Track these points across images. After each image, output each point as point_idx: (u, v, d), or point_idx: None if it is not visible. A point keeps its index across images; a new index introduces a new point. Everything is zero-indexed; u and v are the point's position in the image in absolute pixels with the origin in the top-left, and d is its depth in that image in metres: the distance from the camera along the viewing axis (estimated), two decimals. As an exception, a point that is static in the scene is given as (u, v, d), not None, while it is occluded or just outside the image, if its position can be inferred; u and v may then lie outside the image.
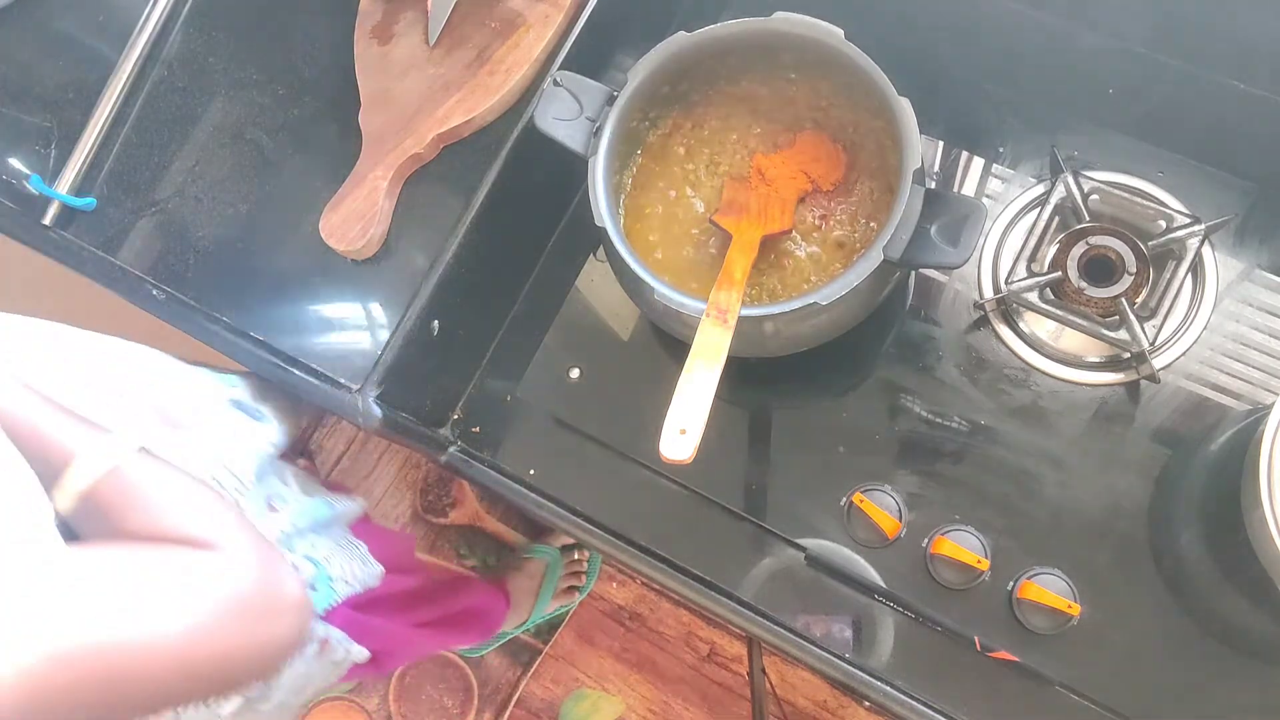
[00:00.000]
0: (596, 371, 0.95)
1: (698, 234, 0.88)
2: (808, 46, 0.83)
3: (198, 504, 0.62)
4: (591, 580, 1.63)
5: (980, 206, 0.75)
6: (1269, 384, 0.85)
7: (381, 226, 0.90)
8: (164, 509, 0.61)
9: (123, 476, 0.61)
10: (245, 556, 0.60)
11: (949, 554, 0.82)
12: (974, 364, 0.89)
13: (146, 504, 0.61)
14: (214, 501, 0.63)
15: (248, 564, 0.60)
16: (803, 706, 1.55)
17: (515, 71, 0.92)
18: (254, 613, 0.59)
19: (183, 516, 0.61)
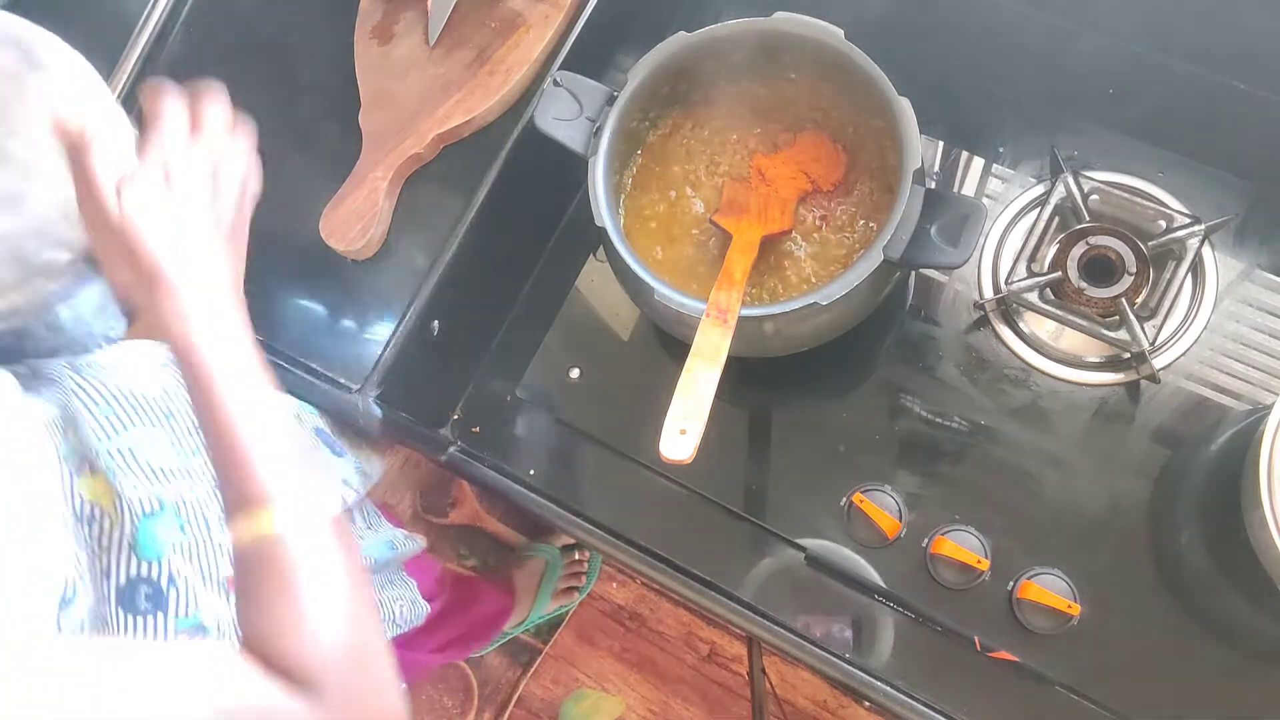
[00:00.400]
0: (596, 371, 0.95)
1: (698, 234, 0.88)
2: (808, 46, 0.83)
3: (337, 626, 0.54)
4: (591, 580, 1.63)
5: (980, 206, 0.75)
6: (1269, 384, 0.85)
7: (381, 226, 0.90)
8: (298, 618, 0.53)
9: (293, 549, 0.55)
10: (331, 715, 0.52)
11: (949, 554, 0.82)
12: (974, 364, 0.89)
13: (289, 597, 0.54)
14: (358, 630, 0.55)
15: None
16: (803, 706, 1.55)
17: (515, 71, 0.92)
18: None
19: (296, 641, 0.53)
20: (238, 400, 0.57)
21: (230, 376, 0.57)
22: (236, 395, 0.57)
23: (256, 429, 0.57)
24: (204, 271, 0.59)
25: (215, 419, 0.56)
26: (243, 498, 0.56)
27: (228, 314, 0.59)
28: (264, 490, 0.55)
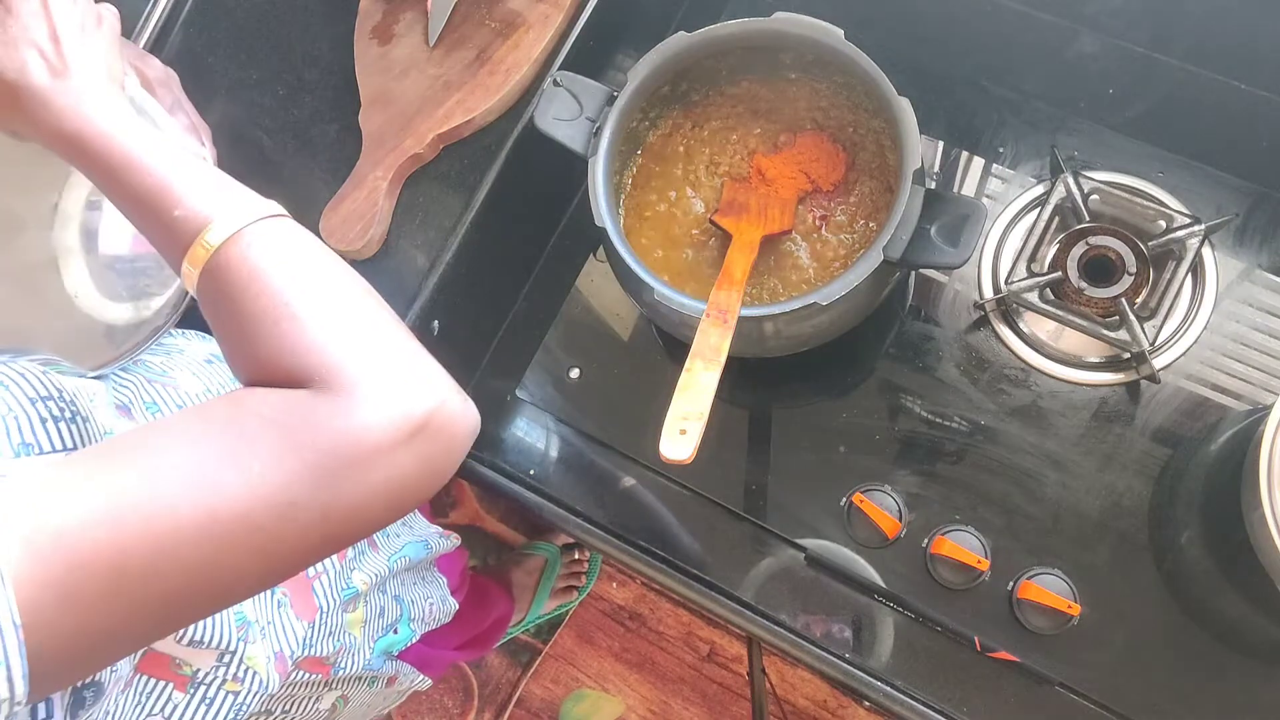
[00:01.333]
0: (596, 371, 0.95)
1: (698, 234, 0.88)
2: (808, 46, 0.83)
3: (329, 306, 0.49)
4: (591, 580, 1.64)
5: (980, 206, 0.75)
6: (1269, 384, 0.85)
7: (381, 226, 0.90)
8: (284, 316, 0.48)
9: (249, 251, 0.50)
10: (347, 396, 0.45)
11: (949, 554, 0.82)
12: (974, 364, 0.89)
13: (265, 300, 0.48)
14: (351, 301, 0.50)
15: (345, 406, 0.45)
16: (803, 706, 1.55)
17: (515, 71, 0.92)
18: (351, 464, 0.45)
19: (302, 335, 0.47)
20: (138, 144, 0.55)
21: (120, 129, 0.55)
22: (135, 142, 0.55)
23: (173, 164, 0.54)
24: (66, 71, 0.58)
25: (129, 178, 0.54)
26: (186, 229, 0.52)
27: (107, 100, 0.58)
28: (203, 209, 0.52)
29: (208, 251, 0.51)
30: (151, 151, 0.55)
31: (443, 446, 0.48)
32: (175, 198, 0.53)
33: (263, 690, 0.66)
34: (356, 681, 0.85)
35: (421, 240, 0.91)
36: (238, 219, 0.52)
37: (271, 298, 0.49)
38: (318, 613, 0.73)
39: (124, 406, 0.67)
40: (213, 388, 0.75)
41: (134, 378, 0.70)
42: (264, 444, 0.44)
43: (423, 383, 0.48)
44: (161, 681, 0.61)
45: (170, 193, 0.53)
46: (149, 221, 0.54)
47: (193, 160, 0.56)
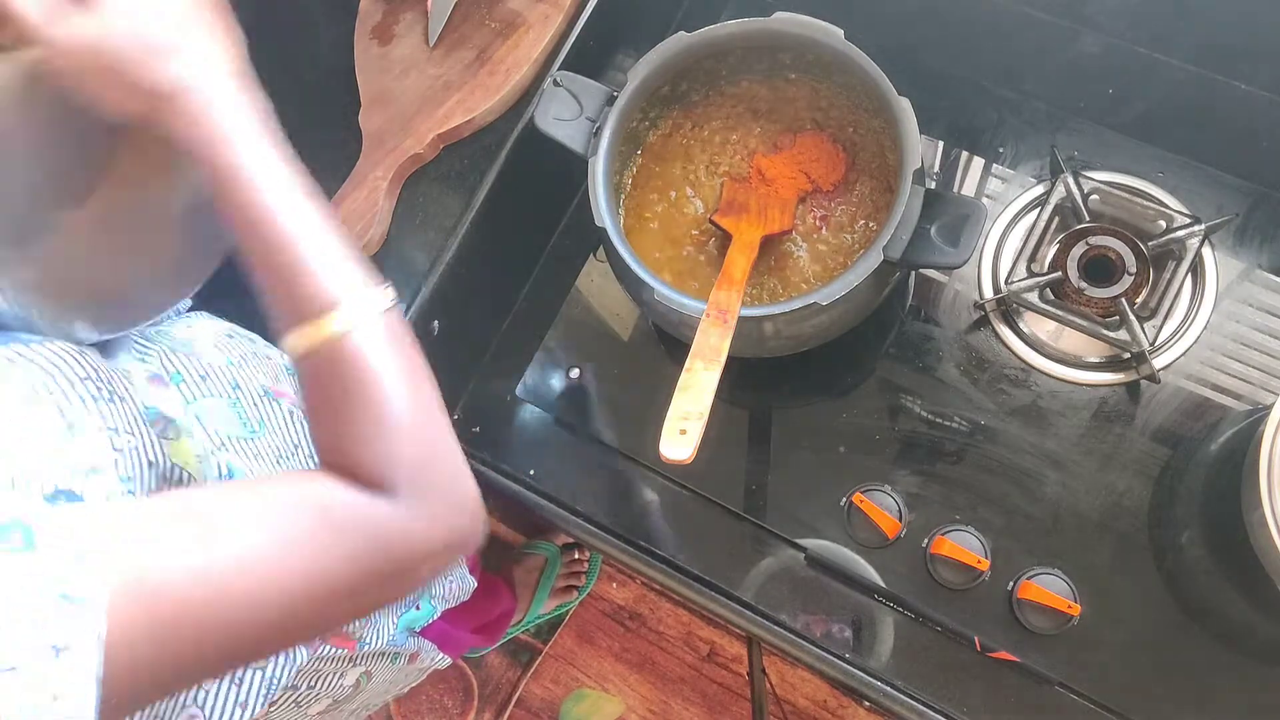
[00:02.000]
0: (596, 371, 0.95)
1: (698, 234, 0.88)
2: (808, 46, 0.83)
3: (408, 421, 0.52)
4: (591, 580, 1.63)
5: (980, 206, 0.75)
6: (1269, 384, 0.85)
7: (381, 227, 0.90)
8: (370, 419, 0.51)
9: (358, 346, 0.52)
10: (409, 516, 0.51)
11: (949, 554, 0.82)
12: (974, 364, 0.89)
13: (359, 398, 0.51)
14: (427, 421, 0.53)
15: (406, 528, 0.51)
16: (803, 706, 1.55)
17: (515, 71, 0.92)
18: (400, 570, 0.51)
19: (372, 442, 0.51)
20: (280, 198, 0.52)
21: (266, 174, 0.52)
22: (278, 194, 0.52)
23: (307, 228, 0.53)
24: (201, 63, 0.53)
25: (260, 224, 0.52)
26: (303, 302, 0.52)
27: (243, 108, 0.53)
28: (326, 291, 0.52)
29: (328, 336, 0.52)
30: (289, 201, 0.53)
31: (469, 550, 0.55)
32: (305, 266, 0.52)
33: (290, 664, 0.67)
34: (380, 658, 0.86)
35: (421, 240, 0.91)
36: (362, 312, 0.53)
37: (375, 403, 0.52)
38: None
39: (157, 377, 0.67)
40: (234, 358, 0.74)
41: (157, 347, 0.70)
42: (346, 545, 0.50)
43: (472, 512, 0.55)
44: None
45: (300, 259, 0.52)
46: (269, 273, 0.53)
47: (323, 219, 0.54)
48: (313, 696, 0.78)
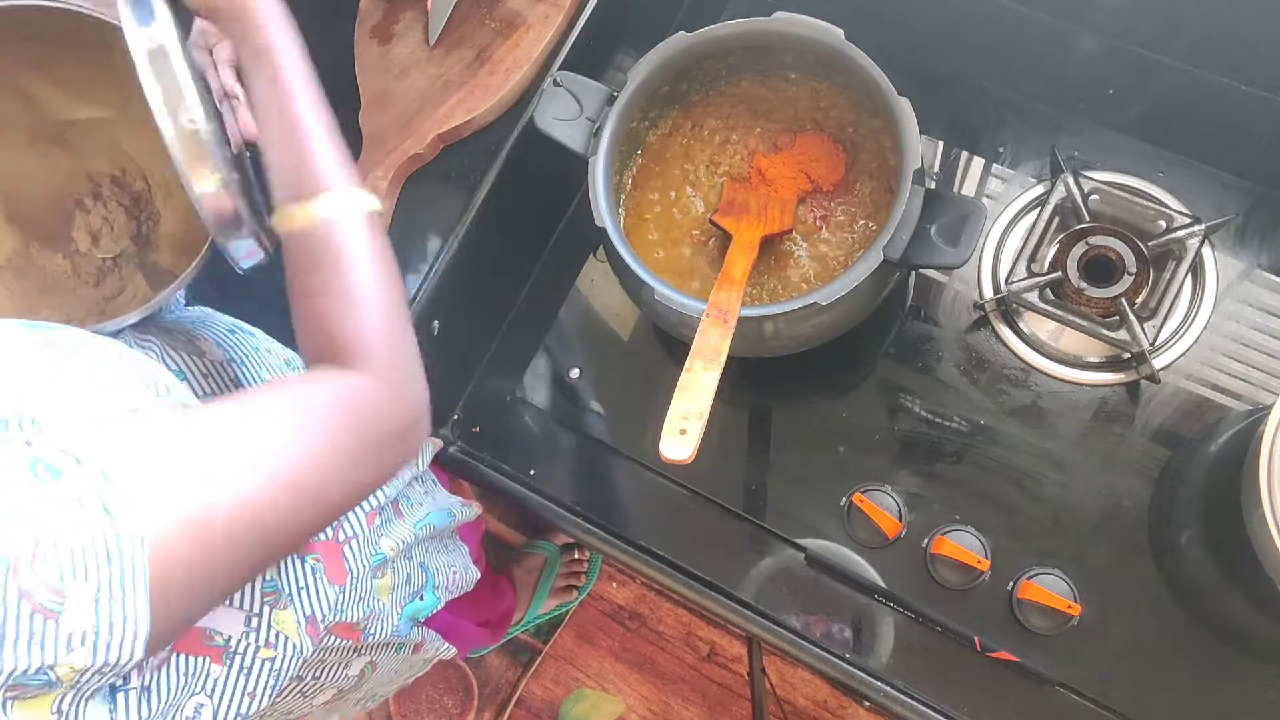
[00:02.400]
0: (596, 371, 0.95)
1: (698, 234, 0.88)
2: (808, 46, 0.83)
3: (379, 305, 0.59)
4: (591, 580, 1.63)
5: (980, 206, 0.75)
6: (1269, 384, 0.85)
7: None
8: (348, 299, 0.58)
9: (344, 232, 0.59)
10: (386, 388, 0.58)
11: (949, 554, 0.82)
12: (974, 364, 0.89)
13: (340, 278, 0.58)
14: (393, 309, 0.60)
15: (385, 397, 0.57)
16: (803, 706, 1.55)
17: (515, 71, 0.92)
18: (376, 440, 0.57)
19: (350, 317, 0.58)
20: (306, 99, 0.61)
21: (301, 79, 0.61)
22: (306, 95, 0.61)
23: (321, 125, 0.61)
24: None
25: (287, 110, 0.60)
26: (304, 183, 0.59)
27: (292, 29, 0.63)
28: (325, 178, 0.59)
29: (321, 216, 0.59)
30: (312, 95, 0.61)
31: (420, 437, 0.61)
32: (314, 150, 0.60)
33: (297, 655, 0.67)
34: (385, 648, 0.86)
35: (421, 240, 0.91)
36: (352, 202, 0.60)
37: (353, 282, 0.59)
38: (348, 577, 0.74)
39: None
40: (236, 355, 0.78)
41: (158, 342, 0.73)
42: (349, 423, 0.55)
43: (423, 386, 0.61)
44: (198, 657, 0.62)
45: (311, 143, 0.60)
46: (282, 148, 0.60)
47: (332, 121, 0.62)
48: (318, 686, 0.79)
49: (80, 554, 0.43)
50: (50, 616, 0.41)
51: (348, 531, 0.76)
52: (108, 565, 0.43)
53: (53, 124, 0.75)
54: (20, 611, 0.41)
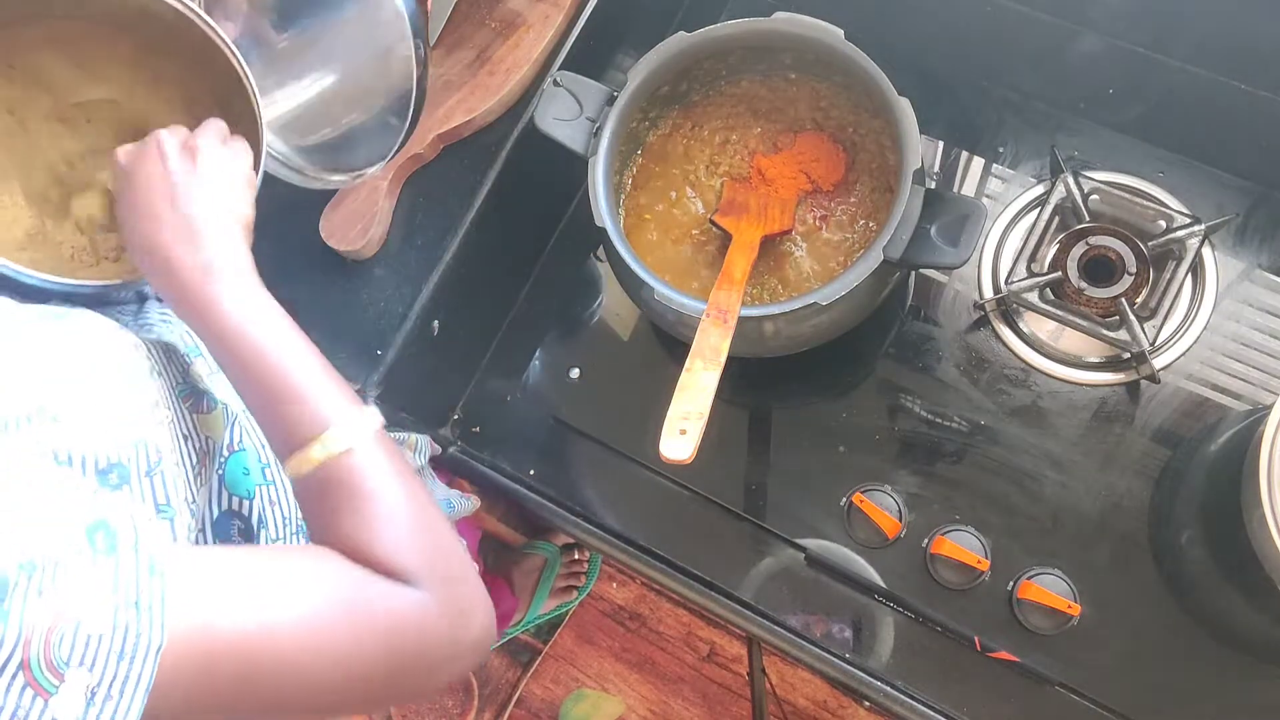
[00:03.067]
0: (596, 371, 0.95)
1: (698, 234, 0.88)
2: (808, 46, 0.83)
3: (416, 522, 0.56)
4: (591, 580, 1.63)
5: (980, 206, 0.75)
6: (1269, 384, 0.85)
7: (381, 226, 0.90)
8: (382, 520, 0.55)
9: (358, 459, 0.57)
10: (442, 606, 0.54)
11: (949, 554, 0.82)
12: (974, 364, 0.89)
13: (367, 504, 0.56)
14: (432, 523, 0.58)
15: (440, 616, 0.54)
16: (803, 706, 1.55)
17: (515, 71, 0.92)
18: (427, 664, 0.54)
19: (396, 538, 0.55)
20: (275, 352, 0.58)
21: (263, 332, 0.59)
22: (273, 348, 0.59)
23: (301, 361, 0.59)
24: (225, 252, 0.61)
25: (256, 364, 0.58)
26: (303, 427, 0.57)
27: (251, 286, 0.61)
28: (324, 416, 0.57)
29: (326, 456, 0.56)
30: (277, 341, 0.59)
31: (480, 659, 0.59)
32: (296, 392, 0.58)
33: None
34: None
35: (421, 240, 0.91)
36: (356, 429, 0.57)
37: (381, 503, 0.56)
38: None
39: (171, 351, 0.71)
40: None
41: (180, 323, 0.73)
42: (380, 627, 0.52)
43: (483, 608, 0.57)
44: None
45: (291, 386, 0.58)
46: (265, 406, 0.59)
47: (310, 354, 0.60)
48: None
49: (95, 643, 0.42)
50: (42, 695, 0.40)
51: None
52: (116, 663, 0.42)
53: (66, 104, 0.75)
54: (14, 683, 0.39)
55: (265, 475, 0.69)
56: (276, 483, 0.69)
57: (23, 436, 0.48)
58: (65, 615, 0.41)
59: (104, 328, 0.60)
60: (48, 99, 0.75)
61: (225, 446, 0.66)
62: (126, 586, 0.43)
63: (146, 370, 0.60)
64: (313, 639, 0.50)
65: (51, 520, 0.43)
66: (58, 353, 0.55)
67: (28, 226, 0.74)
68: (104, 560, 0.43)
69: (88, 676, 0.41)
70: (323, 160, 0.84)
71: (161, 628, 0.44)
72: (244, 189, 0.66)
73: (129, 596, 0.43)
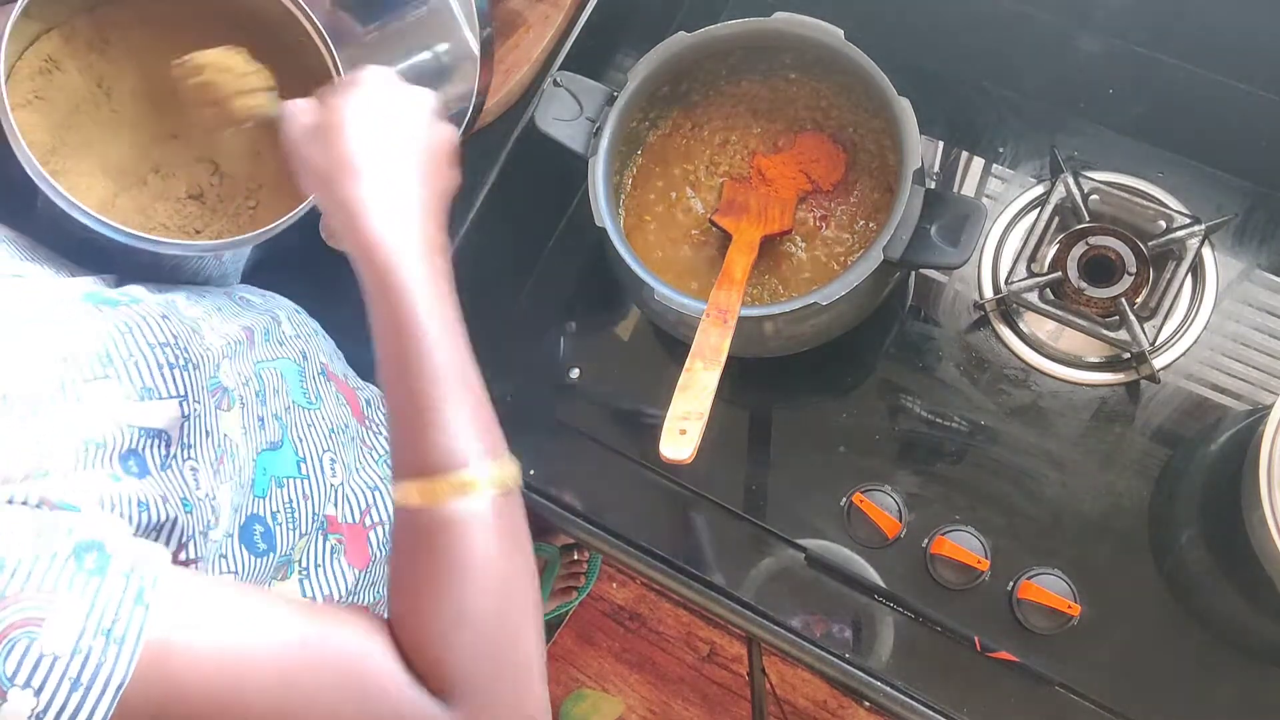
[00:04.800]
0: (596, 371, 0.95)
1: (698, 234, 0.88)
2: (808, 46, 0.83)
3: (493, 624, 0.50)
4: (591, 580, 1.63)
5: (980, 206, 0.75)
6: (1269, 384, 0.85)
7: (381, 226, 0.90)
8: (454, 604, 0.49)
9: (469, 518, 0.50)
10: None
11: (949, 554, 0.82)
12: (974, 364, 0.89)
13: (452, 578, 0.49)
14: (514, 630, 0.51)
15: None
16: (803, 706, 1.55)
17: (515, 71, 0.92)
18: None
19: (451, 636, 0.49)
20: (440, 347, 0.52)
21: (435, 322, 0.52)
22: (439, 342, 0.52)
23: (456, 379, 0.52)
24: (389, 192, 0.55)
25: (413, 361, 0.51)
26: (429, 452, 0.51)
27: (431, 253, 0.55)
28: (454, 453, 0.51)
29: (443, 497, 0.50)
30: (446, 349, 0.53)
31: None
32: (440, 416, 0.51)
33: None
34: None
35: (421, 240, 0.91)
36: (485, 482, 0.51)
37: (465, 591, 0.49)
38: (370, 562, 0.74)
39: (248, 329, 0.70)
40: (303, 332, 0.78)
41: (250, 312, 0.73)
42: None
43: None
44: None
45: (436, 406, 0.51)
46: (403, 409, 0.52)
47: (475, 376, 0.54)
48: None
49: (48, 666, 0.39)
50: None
51: (375, 517, 0.76)
52: (68, 693, 0.39)
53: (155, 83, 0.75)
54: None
55: (300, 469, 0.66)
56: (311, 477, 0.68)
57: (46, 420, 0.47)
58: (21, 627, 0.38)
59: (145, 317, 0.57)
60: (137, 76, 0.75)
61: (254, 448, 0.65)
62: (103, 612, 0.40)
63: (180, 362, 0.59)
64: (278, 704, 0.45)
65: (42, 526, 0.41)
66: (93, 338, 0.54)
67: (102, 195, 0.74)
68: (87, 580, 0.40)
69: (32, 701, 0.38)
70: None
71: (130, 663, 0.40)
72: (453, 160, 0.60)
73: (102, 623, 0.40)
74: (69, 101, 0.73)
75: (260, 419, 0.66)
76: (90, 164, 0.74)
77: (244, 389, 0.66)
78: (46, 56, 0.72)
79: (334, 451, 0.72)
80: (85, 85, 0.73)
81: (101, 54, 0.74)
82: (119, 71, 0.75)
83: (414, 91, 0.59)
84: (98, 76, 0.74)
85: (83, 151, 0.74)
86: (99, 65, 0.74)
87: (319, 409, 0.73)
